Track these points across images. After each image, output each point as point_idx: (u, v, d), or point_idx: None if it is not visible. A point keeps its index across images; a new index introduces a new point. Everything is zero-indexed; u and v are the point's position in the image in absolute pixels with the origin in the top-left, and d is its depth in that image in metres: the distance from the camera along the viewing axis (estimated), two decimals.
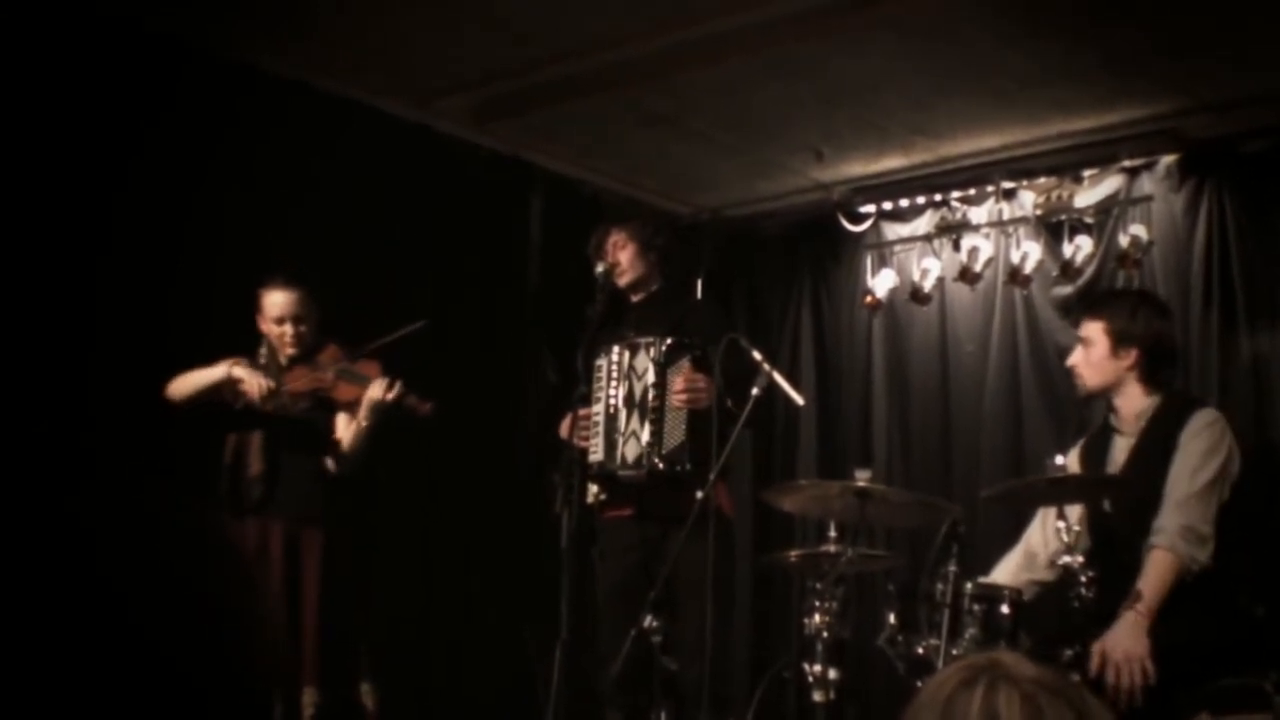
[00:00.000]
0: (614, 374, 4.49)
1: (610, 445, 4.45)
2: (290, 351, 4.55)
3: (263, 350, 4.58)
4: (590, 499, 4.49)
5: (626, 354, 4.48)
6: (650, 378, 4.41)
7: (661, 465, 4.34)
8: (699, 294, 6.62)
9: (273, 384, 4.41)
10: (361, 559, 4.72)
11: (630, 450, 4.41)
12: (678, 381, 4.36)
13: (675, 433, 4.36)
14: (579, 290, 4.81)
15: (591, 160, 6.16)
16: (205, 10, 4.59)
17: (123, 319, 4.59)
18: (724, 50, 4.86)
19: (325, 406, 4.55)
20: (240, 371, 4.42)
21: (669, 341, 4.41)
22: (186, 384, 4.43)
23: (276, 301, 4.53)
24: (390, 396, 4.42)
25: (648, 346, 4.44)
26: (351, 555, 4.58)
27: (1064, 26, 4.63)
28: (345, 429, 4.53)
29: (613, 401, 4.47)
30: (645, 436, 4.37)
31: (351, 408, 4.50)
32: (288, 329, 4.53)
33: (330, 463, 4.52)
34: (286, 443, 4.50)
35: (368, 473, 4.66)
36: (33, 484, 1.00)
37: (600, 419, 4.48)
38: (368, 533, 4.89)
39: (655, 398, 4.38)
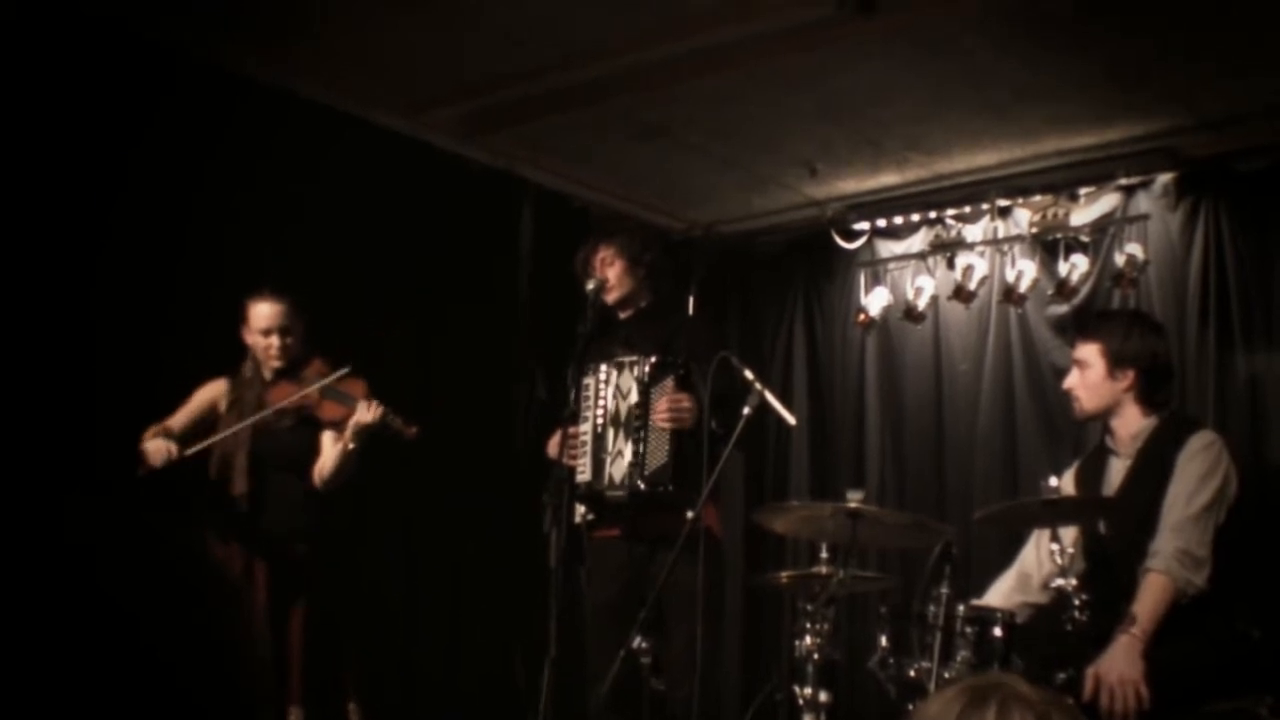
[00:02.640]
0: (601, 393, 4.43)
1: (598, 465, 4.40)
2: (275, 364, 4.50)
3: (247, 363, 4.53)
4: (578, 519, 4.43)
5: (614, 373, 4.43)
6: (634, 397, 4.36)
7: (644, 486, 4.29)
8: (690, 310, 6.59)
9: (174, 449, 4.24)
10: (348, 578, 4.66)
11: (617, 470, 4.36)
12: (661, 402, 4.31)
13: (658, 453, 4.30)
14: (570, 305, 4.76)
15: (584, 173, 6.14)
16: (199, 20, 4.56)
17: (118, 331, 4.55)
18: (719, 63, 4.83)
19: (310, 424, 4.48)
20: (148, 444, 4.26)
21: (652, 361, 4.36)
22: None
23: (263, 313, 4.48)
24: (376, 419, 4.35)
25: (632, 365, 4.39)
26: (338, 574, 4.52)
27: (1061, 43, 4.61)
28: (330, 447, 4.46)
29: (600, 421, 4.42)
30: (629, 457, 4.32)
31: (336, 426, 4.42)
32: (274, 341, 4.47)
33: (315, 481, 4.46)
34: (271, 461, 4.44)
35: (354, 490, 4.60)
36: (34, 500, 0.97)
37: (588, 438, 4.43)
38: (354, 551, 4.83)
39: (639, 418, 4.33)
